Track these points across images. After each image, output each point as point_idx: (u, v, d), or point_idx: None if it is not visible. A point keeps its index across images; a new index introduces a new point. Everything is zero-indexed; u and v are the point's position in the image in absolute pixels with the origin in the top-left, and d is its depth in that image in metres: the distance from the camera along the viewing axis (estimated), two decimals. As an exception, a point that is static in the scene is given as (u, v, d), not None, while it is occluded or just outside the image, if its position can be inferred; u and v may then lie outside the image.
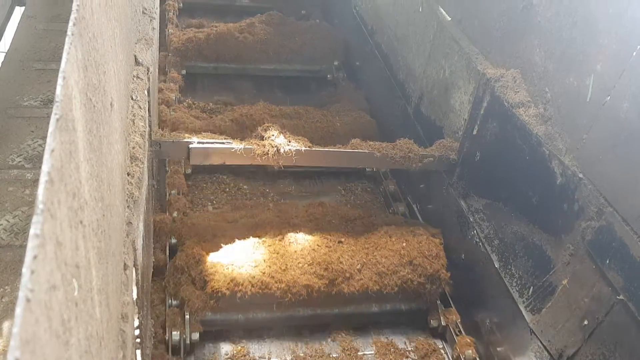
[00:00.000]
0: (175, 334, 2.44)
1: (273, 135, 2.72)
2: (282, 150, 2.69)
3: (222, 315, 2.60)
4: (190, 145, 2.64)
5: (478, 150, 2.74)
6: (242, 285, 2.52)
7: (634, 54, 1.90)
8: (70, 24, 1.00)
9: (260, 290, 2.54)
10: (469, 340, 2.69)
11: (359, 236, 2.87)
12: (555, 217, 2.21)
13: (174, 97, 3.71)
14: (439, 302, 2.85)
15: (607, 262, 1.94)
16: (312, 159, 2.84)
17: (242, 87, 4.32)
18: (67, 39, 0.95)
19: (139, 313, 1.74)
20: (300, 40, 4.52)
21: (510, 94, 2.50)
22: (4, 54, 3.58)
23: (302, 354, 2.65)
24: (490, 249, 2.58)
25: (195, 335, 2.49)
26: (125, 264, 1.49)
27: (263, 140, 2.72)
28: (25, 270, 0.61)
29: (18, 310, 0.57)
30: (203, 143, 2.67)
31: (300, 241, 2.73)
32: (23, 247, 2.29)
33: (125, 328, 1.39)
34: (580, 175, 2.09)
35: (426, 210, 3.31)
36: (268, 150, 2.67)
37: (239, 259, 2.60)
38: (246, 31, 4.43)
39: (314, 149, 2.80)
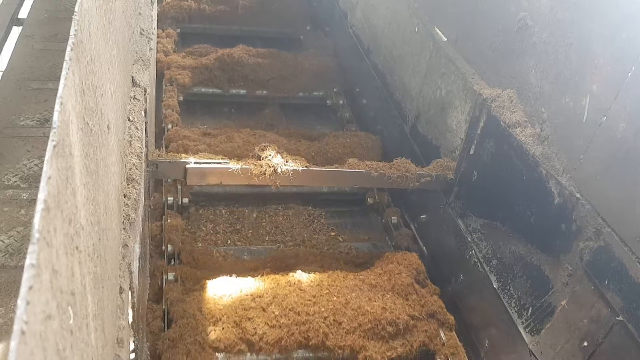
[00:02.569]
0: (171, 199, 3.30)
1: (270, 155, 2.71)
2: (279, 170, 2.68)
3: (206, 188, 3.46)
4: (187, 166, 2.63)
5: (475, 170, 2.74)
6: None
7: (629, 74, 1.91)
8: (68, 48, 0.99)
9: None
10: (395, 210, 3.52)
11: (314, 141, 3.82)
12: (553, 237, 2.20)
13: (170, 48, 4.57)
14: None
15: (606, 282, 1.93)
16: (309, 178, 2.84)
17: (227, 42, 4.89)
18: (64, 64, 0.95)
19: (134, 336, 1.72)
20: (277, 6, 5.40)
21: (506, 114, 2.50)
22: (1, 72, 3.58)
23: (265, 222, 3.46)
24: (488, 269, 2.57)
25: (185, 200, 3.32)
26: (121, 287, 1.47)
27: (260, 160, 2.71)
28: (20, 301, 0.60)
29: (13, 343, 0.56)
30: (200, 163, 2.66)
31: (267, 136, 3.65)
32: (18, 268, 2.26)
33: (121, 353, 1.37)
34: (578, 195, 2.09)
35: (424, 230, 3.30)
36: (265, 170, 2.66)
37: (217, 146, 3.51)
38: None
39: (310, 168, 2.80)
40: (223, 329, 2.47)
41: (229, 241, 3.27)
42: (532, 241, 2.34)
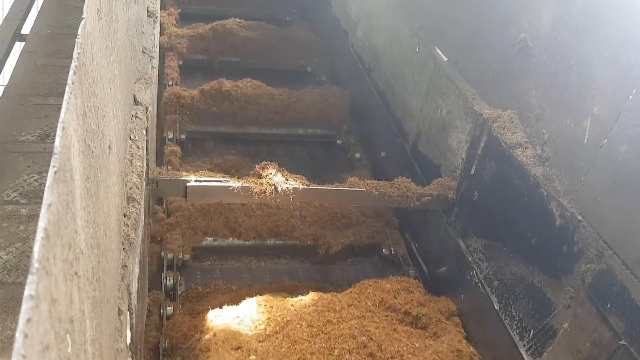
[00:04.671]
0: (170, 134, 3.97)
1: (271, 173, 2.71)
2: (279, 189, 2.68)
3: (199, 127, 4.17)
4: (188, 184, 2.62)
5: (476, 190, 2.74)
6: (212, 105, 4.08)
7: (630, 97, 1.91)
8: (71, 72, 0.99)
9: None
10: (359, 147, 4.22)
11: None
12: (554, 259, 2.19)
13: (172, 25, 5.18)
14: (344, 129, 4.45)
15: (608, 306, 1.91)
16: (309, 196, 2.83)
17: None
18: (67, 87, 0.94)
19: (132, 358, 1.70)
20: None
21: (507, 135, 2.51)
22: (3, 87, 3.59)
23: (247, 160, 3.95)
24: (490, 290, 2.55)
25: (183, 136, 4.04)
26: (119, 309, 1.46)
27: (261, 178, 2.71)
28: (18, 334, 0.59)
29: (9, 378, 0.55)
30: (200, 181, 2.65)
31: (254, 82, 4.31)
32: (16, 285, 2.25)
33: (118, 376, 1.35)
34: (579, 217, 2.08)
35: (424, 249, 3.28)
36: (266, 189, 2.66)
37: (208, 92, 4.15)
38: None
39: (311, 187, 2.79)
40: (211, 218, 3.18)
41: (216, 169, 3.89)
42: (533, 262, 2.32)
